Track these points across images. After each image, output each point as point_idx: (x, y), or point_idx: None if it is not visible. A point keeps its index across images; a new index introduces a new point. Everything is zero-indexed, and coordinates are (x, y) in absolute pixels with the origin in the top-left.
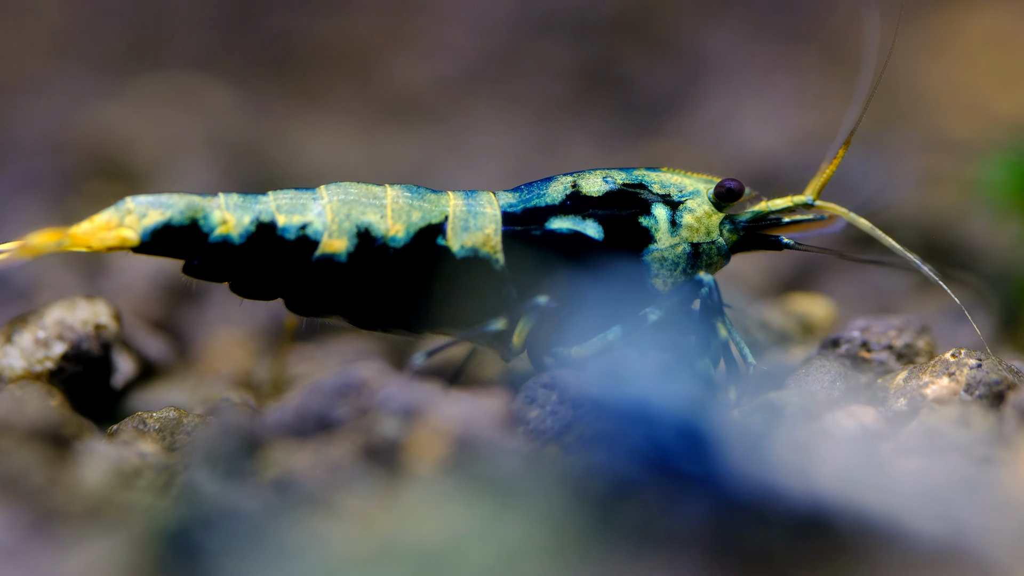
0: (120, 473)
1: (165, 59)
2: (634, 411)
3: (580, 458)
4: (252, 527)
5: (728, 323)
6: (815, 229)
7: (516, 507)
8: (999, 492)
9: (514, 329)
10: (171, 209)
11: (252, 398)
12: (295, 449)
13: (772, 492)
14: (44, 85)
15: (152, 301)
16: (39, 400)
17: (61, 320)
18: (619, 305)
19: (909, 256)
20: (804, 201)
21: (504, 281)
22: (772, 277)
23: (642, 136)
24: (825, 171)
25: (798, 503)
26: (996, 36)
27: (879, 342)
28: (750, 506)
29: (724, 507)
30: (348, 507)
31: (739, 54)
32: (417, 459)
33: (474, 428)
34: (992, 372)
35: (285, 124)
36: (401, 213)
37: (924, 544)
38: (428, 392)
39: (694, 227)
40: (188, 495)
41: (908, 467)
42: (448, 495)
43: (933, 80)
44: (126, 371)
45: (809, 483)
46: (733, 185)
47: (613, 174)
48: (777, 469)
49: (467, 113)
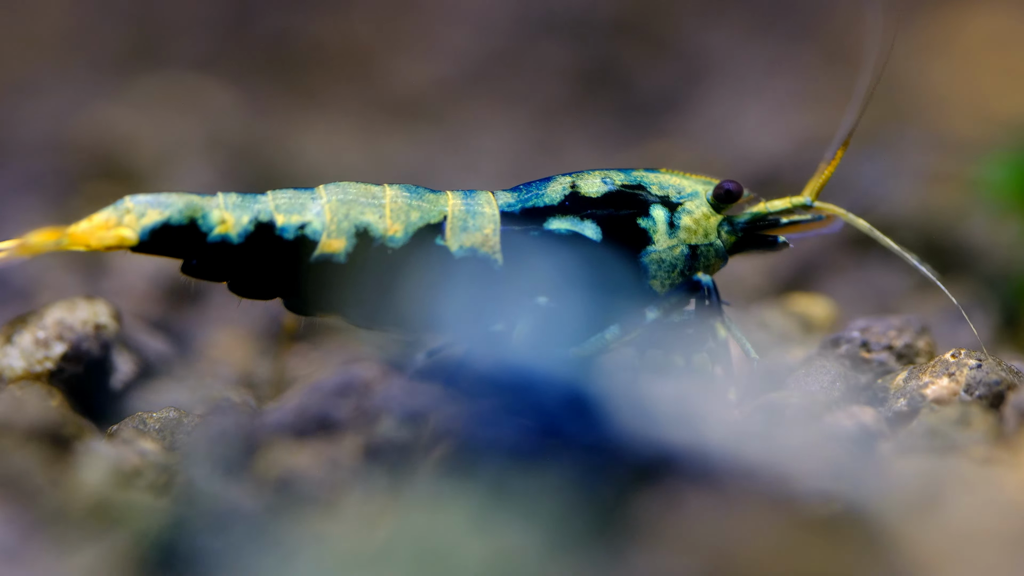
0: (120, 473)
1: (165, 59)
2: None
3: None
4: (252, 526)
5: (728, 321)
6: (813, 230)
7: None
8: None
9: (511, 332)
10: (170, 208)
11: (252, 398)
12: (295, 449)
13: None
14: (44, 85)
15: (152, 301)
16: (39, 400)
17: (61, 320)
18: (617, 306)
19: (907, 256)
20: (802, 202)
21: (502, 281)
22: (772, 277)
23: (642, 136)
24: (823, 172)
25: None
26: (997, 36)
27: (879, 342)
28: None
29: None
30: (348, 506)
31: (740, 54)
32: (418, 459)
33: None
34: (992, 372)
35: (285, 124)
36: (400, 213)
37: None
38: (428, 392)
39: (692, 229)
40: (188, 495)
41: (906, 466)
42: (449, 495)
43: (934, 80)
44: (126, 371)
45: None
46: (731, 186)
47: (612, 175)
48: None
49: (467, 113)
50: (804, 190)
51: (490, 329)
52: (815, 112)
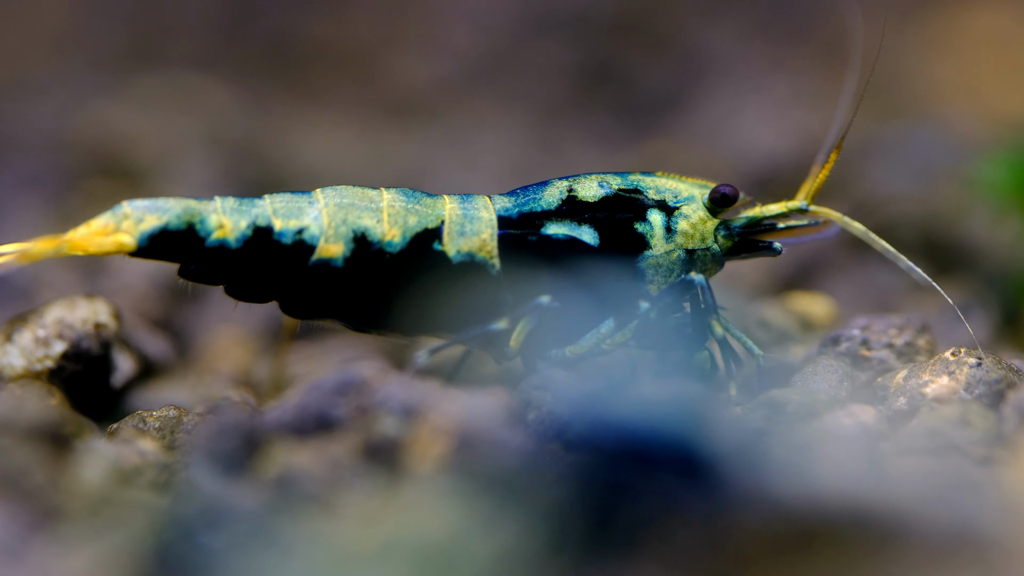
0: (120, 472)
1: (165, 58)
2: (628, 413)
3: (579, 456)
4: (252, 525)
5: (725, 321)
6: (810, 235)
7: (516, 506)
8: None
9: (513, 331)
10: (167, 214)
11: (252, 397)
12: (295, 448)
13: (763, 492)
14: (44, 85)
15: (152, 300)
16: (39, 399)
17: (61, 319)
18: (613, 311)
19: (903, 260)
20: (798, 206)
21: (500, 286)
22: (772, 275)
23: (642, 135)
24: (818, 176)
25: (788, 502)
26: (997, 35)
27: (879, 340)
28: (739, 505)
29: (715, 505)
30: (348, 506)
31: (739, 53)
32: (418, 458)
33: (476, 426)
34: (992, 371)
35: (285, 123)
36: (397, 217)
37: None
38: (428, 391)
39: (689, 233)
40: (188, 493)
41: (908, 466)
42: (450, 494)
43: (934, 78)
44: (126, 370)
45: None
46: (728, 191)
47: (608, 179)
48: (770, 469)
49: (466, 112)
50: (799, 194)
51: (490, 328)
52: (815, 111)
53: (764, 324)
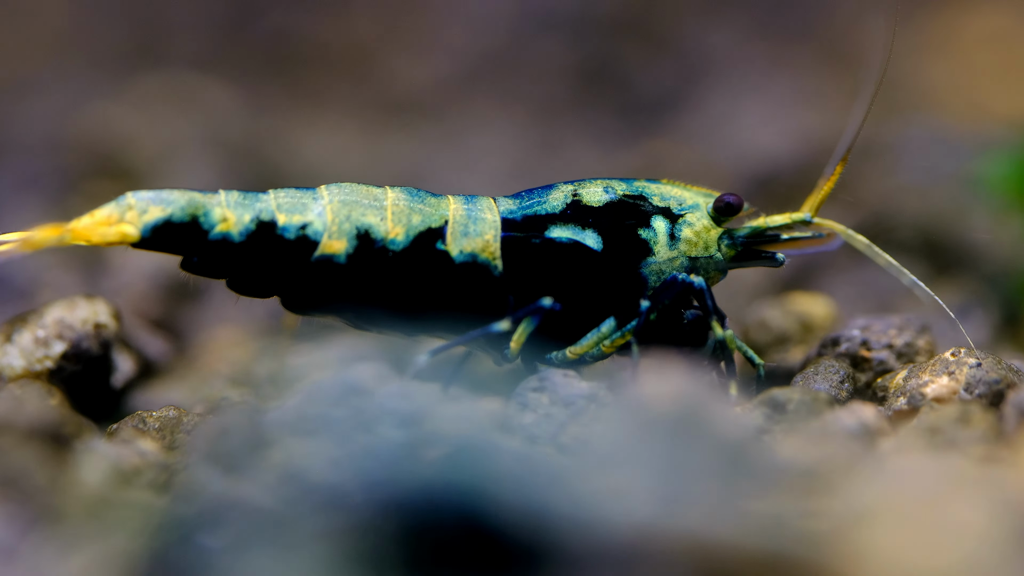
0: (120, 472)
1: (165, 59)
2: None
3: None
4: (251, 525)
5: (726, 326)
6: (813, 247)
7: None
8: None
9: (513, 333)
10: (172, 205)
11: (252, 397)
12: (295, 448)
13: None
14: (44, 85)
15: (152, 300)
16: (39, 399)
17: (61, 319)
18: (614, 313)
19: (907, 274)
20: (802, 218)
21: (502, 287)
22: (772, 276)
23: (642, 135)
24: (823, 188)
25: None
26: (996, 34)
27: (879, 341)
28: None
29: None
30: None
31: (739, 53)
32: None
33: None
34: (992, 371)
35: (284, 123)
36: (401, 216)
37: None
38: (427, 394)
39: (693, 241)
40: (188, 494)
41: (907, 465)
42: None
43: (934, 78)
44: (126, 370)
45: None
46: (732, 200)
47: (613, 184)
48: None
49: (466, 112)
50: (803, 206)
51: (491, 330)
52: (815, 111)
53: (764, 325)
